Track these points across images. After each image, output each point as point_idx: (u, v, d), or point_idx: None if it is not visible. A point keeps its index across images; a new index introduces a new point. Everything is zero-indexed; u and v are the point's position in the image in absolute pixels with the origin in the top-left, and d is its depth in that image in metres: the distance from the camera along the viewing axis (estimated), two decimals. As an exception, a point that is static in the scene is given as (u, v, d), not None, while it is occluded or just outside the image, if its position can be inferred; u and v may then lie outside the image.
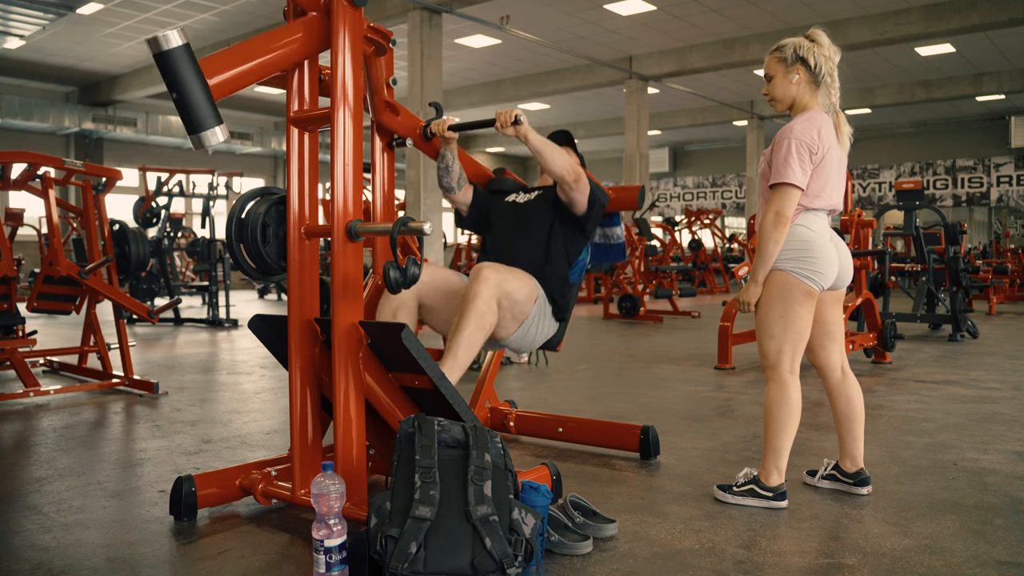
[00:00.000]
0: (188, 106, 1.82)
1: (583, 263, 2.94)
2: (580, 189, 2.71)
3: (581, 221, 2.81)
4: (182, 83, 1.81)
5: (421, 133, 2.73)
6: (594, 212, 2.81)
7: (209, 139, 1.85)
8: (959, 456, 3.04)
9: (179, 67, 1.80)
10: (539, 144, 2.59)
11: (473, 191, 2.94)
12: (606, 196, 2.92)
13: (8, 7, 10.97)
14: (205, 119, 1.83)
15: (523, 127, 2.52)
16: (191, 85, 1.81)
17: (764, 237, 2.37)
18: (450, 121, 2.67)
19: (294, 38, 2.15)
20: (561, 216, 2.80)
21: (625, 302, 9.10)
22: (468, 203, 2.93)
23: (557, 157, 2.63)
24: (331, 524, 1.82)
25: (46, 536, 2.22)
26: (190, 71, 1.81)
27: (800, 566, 1.99)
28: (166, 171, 9.41)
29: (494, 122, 2.57)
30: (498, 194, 3.03)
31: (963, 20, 11.62)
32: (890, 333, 5.58)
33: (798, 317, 2.40)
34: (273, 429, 3.59)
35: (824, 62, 2.44)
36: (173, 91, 1.81)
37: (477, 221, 2.97)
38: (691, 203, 24.22)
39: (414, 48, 10.70)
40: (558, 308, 2.79)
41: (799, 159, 2.35)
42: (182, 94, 1.81)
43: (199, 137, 1.84)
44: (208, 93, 1.84)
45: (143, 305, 4.82)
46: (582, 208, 2.77)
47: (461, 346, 2.42)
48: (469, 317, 2.44)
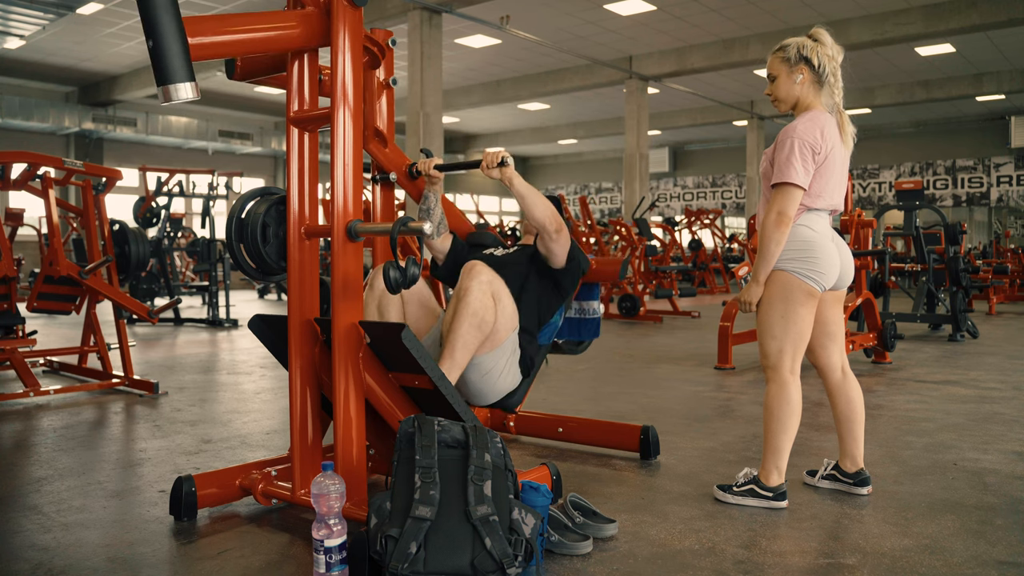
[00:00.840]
0: (161, 55, 1.76)
1: (554, 326, 2.83)
2: (560, 241, 2.64)
3: (558, 277, 2.72)
4: (160, 30, 1.76)
5: (407, 171, 2.72)
6: (571, 269, 2.73)
7: (177, 93, 1.78)
8: (959, 456, 3.04)
9: (159, 13, 1.75)
10: (523, 189, 2.54)
11: (452, 241, 2.87)
12: (587, 261, 2.85)
13: (8, 7, 10.97)
14: (176, 71, 1.78)
15: (508, 170, 2.49)
16: (168, 34, 1.76)
17: (766, 237, 2.37)
18: (436, 161, 2.65)
19: (289, 25, 2.13)
20: (538, 270, 2.72)
21: (625, 302, 9.10)
22: (445, 252, 2.85)
23: (540, 203, 2.58)
24: (331, 524, 1.82)
25: (46, 536, 2.22)
26: (171, 20, 1.77)
27: (800, 566, 1.99)
28: (166, 171, 9.41)
29: (479, 163, 2.55)
30: (476, 247, 2.95)
31: (963, 20, 11.62)
32: (890, 333, 5.58)
33: (799, 317, 2.40)
34: (273, 429, 3.59)
35: (828, 62, 2.43)
36: (149, 37, 1.76)
37: (452, 270, 2.85)
38: (691, 203, 24.23)
39: (414, 48, 10.70)
40: (525, 358, 2.65)
41: (802, 159, 2.35)
42: (158, 41, 1.76)
43: (167, 89, 1.78)
44: (185, 48, 1.79)
45: (143, 305, 4.82)
46: (560, 261, 2.69)
47: (457, 346, 2.37)
48: (463, 315, 2.37)
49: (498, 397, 2.62)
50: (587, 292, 3.02)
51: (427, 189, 2.73)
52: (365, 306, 2.62)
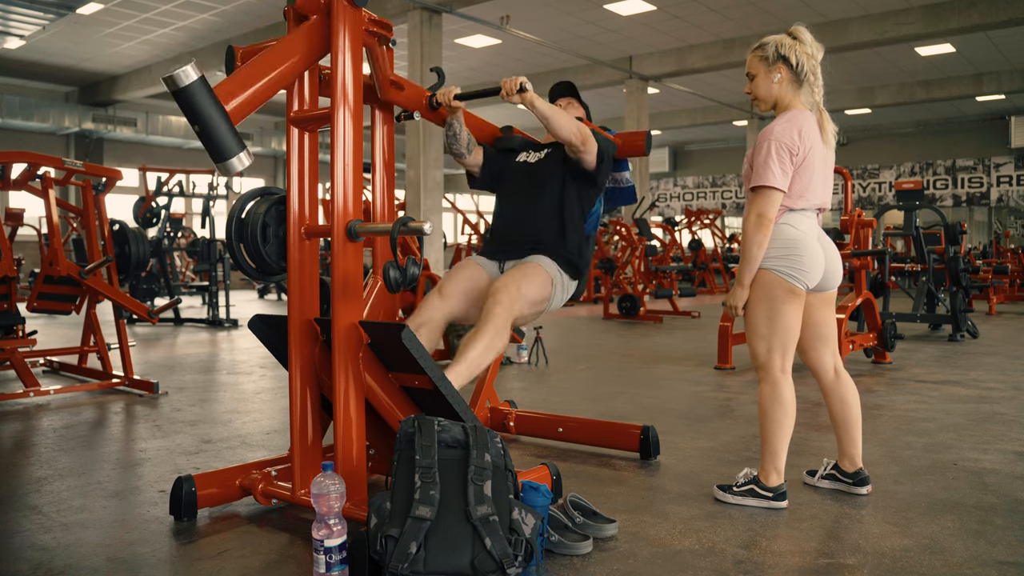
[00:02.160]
0: (212, 137, 1.85)
1: (597, 214, 2.99)
2: (588, 149, 2.74)
3: (592, 176, 2.84)
4: (203, 116, 1.83)
5: (427, 103, 2.74)
6: (604, 166, 2.85)
7: (235, 166, 1.88)
8: (959, 456, 3.04)
9: (198, 100, 1.82)
10: (546, 110, 2.61)
11: (483, 152, 2.97)
12: (614, 147, 2.99)
13: (8, 7, 10.97)
14: (230, 147, 1.87)
15: (529, 94, 2.54)
16: (212, 116, 1.84)
17: (747, 240, 2.38)
18: (455, 90, 2.67)
19: (297, 48, 2.15)
20: (572, 173, 2.84)
21: (625, 302, 9.09)
22: (479, 164, 2.96)
23: (564, 122, 2.65)
24: (331, 524, 1.82)
25: (46, 536, 2.22)
26: (209, 103, 1.84)
27: (800, 566, 1.99)
28: (166, 171, 9.41)
29: (499, 90, 2.59)
30: (508, 152, 3.05)
31: (963, 20, 11.62)
32: (890, 333, 5.58)
33: (784, 315, 2.40)
34: (273, 429, 3.59)
35: (806, 60, 2.42)
36: (195, 124, 1.84)
37: (489, 182, 3.01)
38: (691, 203, 24.22)
39: (414, 48, 10.70)
40: (575, 269, 2.82)
41: (779, 161, 2.34)
42: (204, 126, 1.84)
43: (226, 165, 1.87)
44: (228, 121, 1.87)
45: (143, 305, 4.82)
46: (592, 164, 2.80)
47: (466, 361, 2.41)
48: (484, 336, 2.45)
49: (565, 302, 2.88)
50: (617, 165, 3.15)
51: (449, 117, 2.79)
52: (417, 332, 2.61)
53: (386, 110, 2.66)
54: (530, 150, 3.04)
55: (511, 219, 2.89)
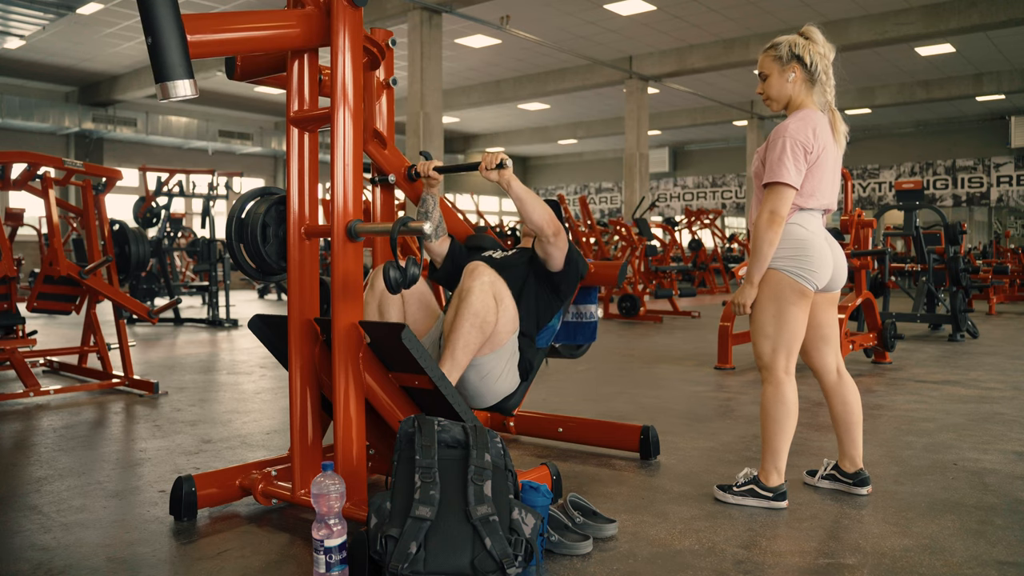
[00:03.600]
0: (160, 52, 1.76)
1: (552, 330, 2.82)
2: (558, 245, 2.63)
3: (556, 280, 2.71)
4: (158, 28, 1.76)
5: (405, 173, 2.72)
6: (569, 272, 2.72)
7: (176, 89, 1.79)
8: (959, 456, 3.04)
9: (158, 9, 1.76)
10: (521, 192, 2.53)
11: (450, 244, 2.83)
12: (585, 266, 2.84)
13: (8, 7, 10.97)
14: (175, 68, 1.78)
15: (507, 172, 2.48)
16: (167, 31, 1.76)
17: (759, 237, 2.37)
18: (435, 163, 2.64)
19: (289, 24, 2.13)
20: (536, 273, 2.71)
21: (625, 302, 9.10)
22: (443, 255, 2.82)
23: (538, 207, 2.57)
24: (331, 524, 1.82)
25: (46, 536, 2.22)
26: (170, 17, 1.77)
27: (800, 566, 1.99)
28: (166, 171, 9.41)
29: (478, 165, 2.54)
30: (474, 250, 2.93)
31: (963, 20, 11.63)
32: (890, 333, 5.58)
33: (792, 317, 2.40)
34: (273, 429, 3.59)
35: (819, 60, 2.43)
36: (148, 35, 1.76)
37: (450, 273, 2.82)
38: (691, 203, 24.23)
39: (414, 48, 10.70)
40: (524, 361, 2.64)
41: (793, 158, 2.34)
42: (157, 38, 1.76)
43: (165, 86, 1.78)
44: (184, 45, 1.79)
45: (143, 305, 4.82)
46: (558, 265, 2.68)
47: (458, 346, 2.37)
48: (464, 315, 2.36)
49: (496, 400, 2.60)
50: (585, 296, 3.01)
51: (425, 192, 2.71)
52: (365, 306, 2.61)
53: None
54: (499, 249, 2.93)
55: None
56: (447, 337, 2.41)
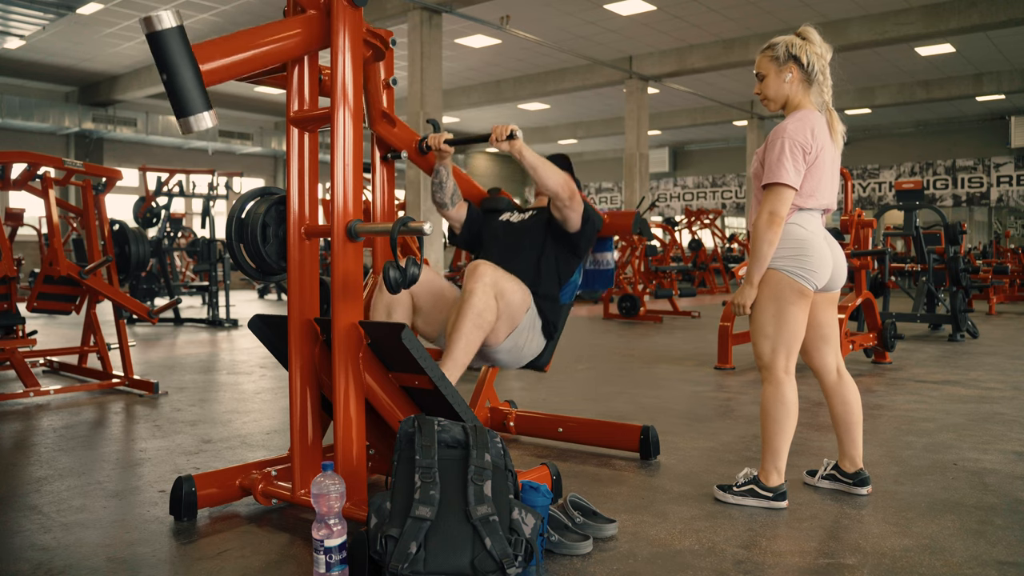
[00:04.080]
0: (178, 89, 1.80)
1: (575, 284, 2.90)
2: (574, 207, 2.69)
3: (574, 240, 2.77)
4: (173, 65, 1.79)
5: (416, 147, 2.73)
6: (587, 231, 2.78)
7: (197, 123, 1.83)
8: (959, 456, 3.04)
9: (171, 48, 1.78)
10: (534, 160, 2.57)
11: (467, 209, 2.91)
12: (600, 220, 2.90)
13: (8, 7, 10.97)
14: (194, 103, 1.82)
15: (518, 142, 2.51)
16: (182, 68, 1.80)
17: (758, 238, 2.37)
18: (446, 136, 2.66)
19: (293, 32, 2.14)
20: (554, 235, 2.78)
21: (625, 302, 9.10)
22: (461, 220, 2.90)
23: (552, 173, 2.61)
24: (331, 524, 1.82)
25: (46, 536, 2.22)
26: (182, 53, 1.80)
27: (800, 566, 1.99)
28: (166, 171, 9.41)
29: (489, 136, 2.56)
30: (491, 213, 3.00)
31: (963, 20, 11.62)
32: (890, 333, 5.58)
33: (791, 317, 2.40)
34: (273, 429, 3.59)
35: (816, 60, 2.43)
36: (163, 72, 1.80)
37: (469, 240, 2.93)
38: (691, 203, 24.22)
39: (414, 48, 10.70)
40: (547, 324, 2.74)
41: (792, 159, 2.34)
42: (172, 76, 1.79)
43: (187, 121, 1.82)
44: (199, 77, 1.82)
45: (143, 305, 4.83)
46: (575, 226, 2.74)
47: (459, 345, 2.40)
48: (467, 315, 2.41)
49: (527, 362, 2.77)
50: (601, 244, 3.07)
51: (438, 163, 2.75)
52: (374, 308, 2.63)
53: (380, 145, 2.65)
54: (515, 211, 2.98)
55: None
56: (449, 336, 2.43)
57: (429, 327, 2.72)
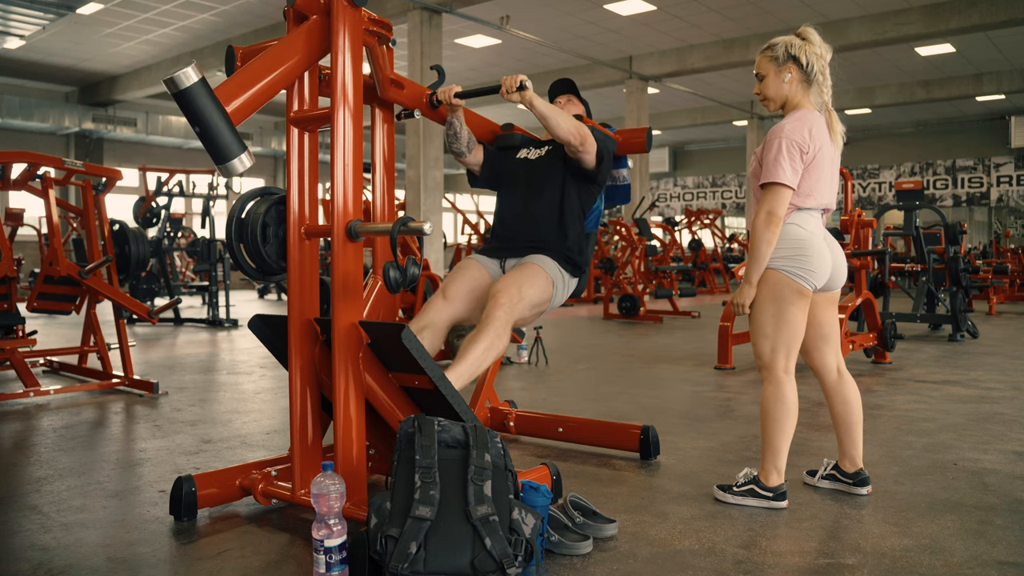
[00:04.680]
0: (212, 138, 1.85)
1: (598, 211, 2.98)
2: (587, 149, 2.74)
3: (592, 174, 2.84)
4: (204, 117, 1.83)
5: (427, 102, 2.74)
6: (604, 165, 2.85)
7: (237, 167, 1.89)
8: (959, 456, 3.04)
9: (199, 102, 1.82)
10: (544, 109, 2.61)
11: (484, 151, 2.97)
12: (614, 143, 2.98)
13: (8, 7, 10.97)
14: (231, 148, 1.87)
15: (528, 93, 2.54)
16: (213, 118, 1.84)
17: (756, 237, 2.37)
18: (455, 88, 2.68)
19: (297, 48, 2.15)
20: (572, 172, 2.84)
21: (625, 302, 9.09)
22: (480, 163, 2.96)
23: (562, 122, 2.65)
24: (331, 524, 1.82)
25: (46, 536, 2.22)
26: (210, 104, 1.84)
27: (800, 566, 1.99)
28: (166, 171, 9.41)
29: (499, 88, 2.59)
30: (508, 150, 3.05)
31: (963, 20, 11.63)
32: (890, 333, 5.58)
33: (791, 316, 2.40)
34: (273, 429, 3.59)
35: (816, 60, 2.43)
36: (196, 125, 1.84)
37: (490, 179, 3.01)
38: (691, 203, 24.22)
39: (414, 48, 10.70)
40: (576, 267, 2.83)
41: (790, 158, 2.35)
42: (205, 127, 1.84)
43: (227, 167, 1.88)
44: (229, 122, 1.87)
45: (143, 305, 4.82)
46: (591, 165, 2.81)
47: (466, 363, 2.42)
48: (485, 337, 2.46)
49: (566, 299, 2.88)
50: (616, 162, 3.13)
51: (450, 115, 2.79)
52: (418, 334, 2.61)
53: (386, 109, 2.65)
54: (531, 147, 3.03)
55: (512, 217, 2.90)
56: (463, 347, 2.47)
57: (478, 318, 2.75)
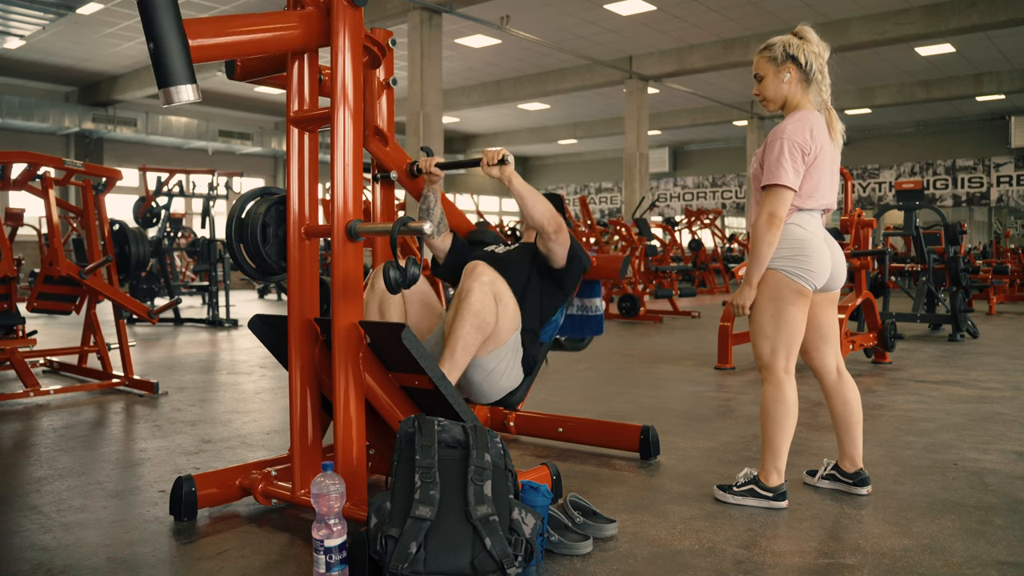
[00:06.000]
0: (162, 58, 1.77)
1: (556, 324, 2.83)
2: (560, 241, 2.64)
3: (559, 276, 2.72)
4: (160, 32, 1.76)
5: (407, 169, 2.73)
6: (573, 268, 2.74)
7: (179, 94, 1.79)
8: (959, 456, 3.04)
9: (160, 15, 1.76)
10: (522, 188, 2.54)
11: (452, 239, 2.85)
12: (588, 259, 2.85)
13: (8, 7, 10.97)
14: (177, 73, 1.78)
15: (508, 168, 2.48)
16: (169, 37, 1.77)
17: (757, 239, 2.37)
18: (436, 160, 2.64)
19: (290, 25, 2.13)
20: (539, 269, 2.71)
21: (625, 302, 9.09)
22: (446, 251, 2.84)
23: (539, 204, 2.57)
24: (331, 524, 1.82)
25: (46, 536, 2.22)
26: (171, 22, 1.77)
27: (800, 566, 1.99)
28: (166, 171, 9.41)
29: (479, 162, 2.53)
30: (476, 244, 2.94)
31: (963, 20, 11.63)
32: (890, 333, 5.58)
33: (790, 316, 2.40)
34: (273, 429, 3.59)
35: (814, 59, 2.43)
36: (150, 40, 1.76)
37: (453, 270, 2.83)
38: (691, 203, 24.22)
39: (414, 48, 10.70)
40: (528, 357, 2.65)
41: (792, 160, 2.34)
42: (159, 44, 1.76)
43: (168, 91, 1.79)
44: (186, 50, 1.79)
45: (143, 305, 4.82)
46: (561, 261, 2.69)
47: (457, 347, 2.36)
48: (464, 315, 2.36)
49: (500, 395, 2.62)
50: (589, 289, 3.02)
51: (427, 188, 2.71)
52: (366, 306, 2.61)
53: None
54: (501, 244, 2.94)
55: None
56: (447, 337, 2.41)
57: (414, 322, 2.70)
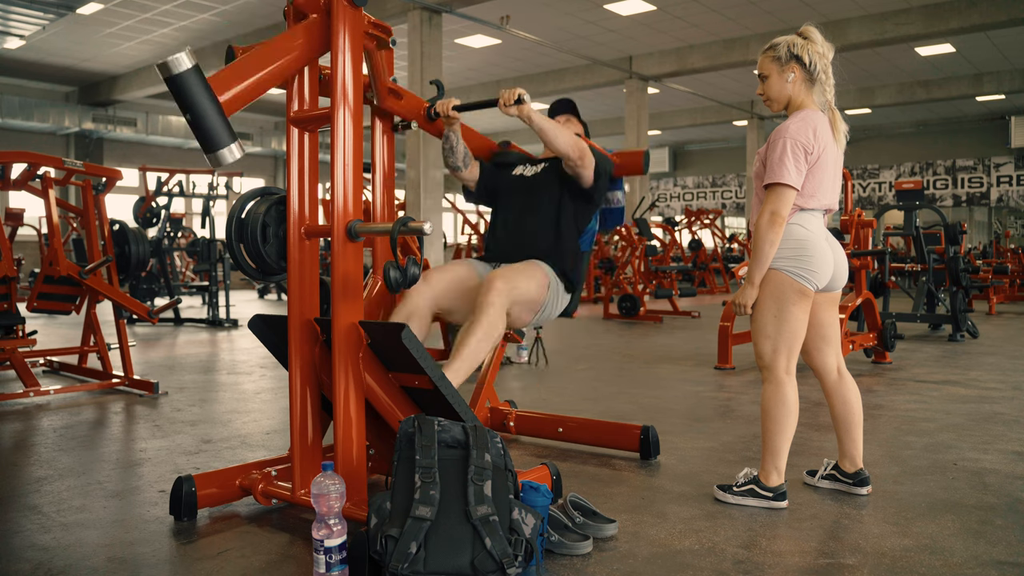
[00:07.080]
0: (202, 126, 1.83)
1: (593, 230, 2.99)
2: (585, 165, 2.75)
3: (589, 192, 2.84)
4: (195, 105, 1.82)
5: (425, 114, 2.74)
6: (601, 183, 2.86)
7: (225, 157, 1.87)
8: (959, 456, 3.04)
9: (191, 89, 1.81)
10: (542, 123, 2.62)
11: (480, 166, 2.97)
12: (611, 164, 2.98)
13: (8, 7, 10.97)
14: (220, 138, 1.85)
15: (526, 107, 2.54)
16: (204, 106, 1.83)
17: (760, 238, 2.37)
18: (453, 102, 2.68)
19: (296, 44, 2.15)
20: (569, 189, 2.84)
21: (625, 302, 9.09)
22: (476, 179, 2.96)
23: (561, 136, 2.66)
24: (331, 524, 1.82)
25: (46, 536, 2.22)
26: (202, 92, 1.83)
27: (800, 566, 1.99)
28: (166, 171, 9.41)
29: (497, 102, 2.60)
30: (504, 167, 3.05)
31: (963, 20, 11.63)
32: (890, 333, 5.58)
33: (792, 317, 2.40)
34: (273, 429, 3.59)
35: (818, 59, 2.43)
36: (187, 113, 1.83)
37: (485, 195, 3.01)
38: (691, 203, 24.22)
39: (414, 48, 10.70)
40: (570, 281, 2.82)
41: (794, 159, 2.34)
42: (196, 115, 1.83)
43: (216, 156, 1.86)
44: (221, 111, 1.86)
45: (143, 305, 4.82)
46: (589, 181, 2.81)
47: (465, 355, 2.43)
48: (480, 326, 2.47)
49: (557, 315, 2.87)
50: (611, 184, 3.13)
51: (447, 129, 2.80)
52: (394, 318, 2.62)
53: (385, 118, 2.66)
54: (527, 164, 3.03)
55: (506, 232, 2.89)
56: (458, 343, 2.48)
57: (461, 316, 2.75)
